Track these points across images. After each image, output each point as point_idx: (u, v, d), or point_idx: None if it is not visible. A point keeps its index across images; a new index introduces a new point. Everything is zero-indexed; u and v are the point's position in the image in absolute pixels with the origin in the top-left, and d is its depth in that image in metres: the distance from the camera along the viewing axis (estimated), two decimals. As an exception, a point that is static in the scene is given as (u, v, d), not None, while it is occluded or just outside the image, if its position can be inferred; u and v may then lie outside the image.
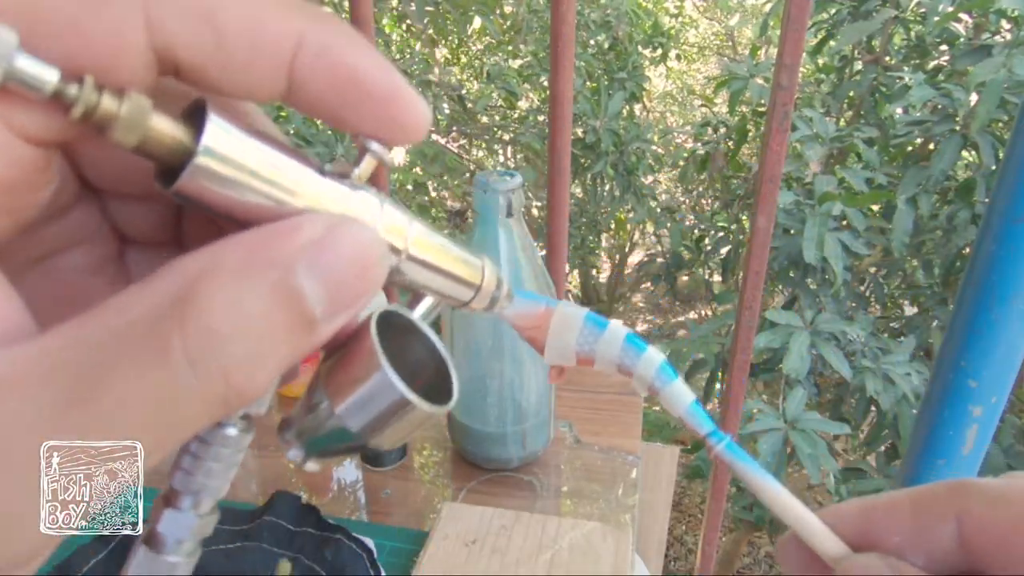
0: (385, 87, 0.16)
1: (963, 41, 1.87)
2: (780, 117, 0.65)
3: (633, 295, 4.58)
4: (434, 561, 0.52)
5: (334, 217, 0.16)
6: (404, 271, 0.18)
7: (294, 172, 0.16)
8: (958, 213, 1.71)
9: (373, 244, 0.16)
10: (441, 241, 0.19)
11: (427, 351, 0.20)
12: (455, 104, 2.78)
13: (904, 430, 1.57)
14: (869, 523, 0.18)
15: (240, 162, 0.15)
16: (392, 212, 0.18)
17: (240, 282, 0.14)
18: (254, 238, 0.15)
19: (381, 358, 0.17)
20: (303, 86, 0.15)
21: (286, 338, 0.14)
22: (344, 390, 0.17)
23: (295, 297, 0.14)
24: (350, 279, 0.15)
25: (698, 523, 2.75)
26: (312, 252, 0.15)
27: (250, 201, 0.15)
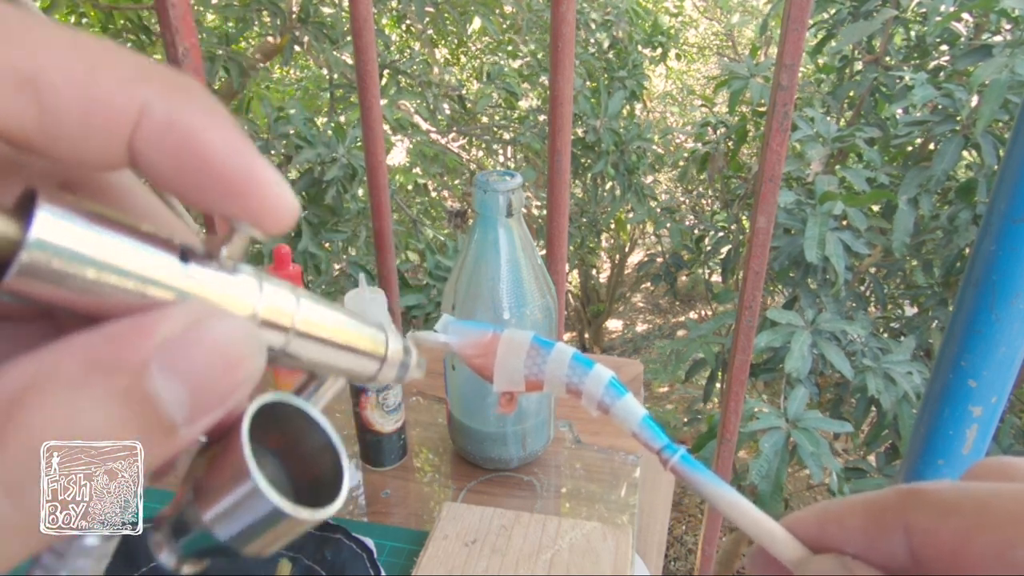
0: (238, 172, 0.14)
1: (963, 41, 1.87)
2: (780, 117, 0.65)
3: (633, 295, 4.58)
4: (434, 561, 0.52)
5: (195, 309, 0.14)
6: (295, 353, 0.17)
7: (149, 261, 0.14)
8: (959, 213, 1.71)
9: (242, 336, 0.14)
10: (336, 315, 0.18)
11: (320, 442, 0.19)
12: (455, 104, 2.78)
13: (904, 430, 1.57)
14: (825, 530, 0.18)
15: (79, 255, 0.13)
16: (274, 291, 0.16)
17: (77, 392, 0.12)
18: (98, 338, 0.13)
19: (251, 465, 0.15)
20: (147, 161, 0.14)
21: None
22: (213, 495, 0.16)
23: (148, 404, 0.13)
24: (216, 378, 0.14)
25: (698, 523, 2.75)
26: (169, 352, 0.13)
27: (97, 297, 0.13)
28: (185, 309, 0.14)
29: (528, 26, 2.82)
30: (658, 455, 0.22)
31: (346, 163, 1.79)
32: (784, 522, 0.19)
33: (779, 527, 0.19)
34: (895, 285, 2.25)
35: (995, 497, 0.15)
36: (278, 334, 0.16)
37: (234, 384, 0.14)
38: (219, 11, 2.24)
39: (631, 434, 0.22)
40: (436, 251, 1.84)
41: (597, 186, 2.77)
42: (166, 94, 0.14)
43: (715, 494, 0.20)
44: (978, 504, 0.15)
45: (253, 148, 0.15)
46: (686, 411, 2.57)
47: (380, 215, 0.88)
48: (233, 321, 0.14)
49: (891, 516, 0.17)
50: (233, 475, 0.15)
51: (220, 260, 0.15)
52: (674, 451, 0.21)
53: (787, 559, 0.18)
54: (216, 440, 0.16)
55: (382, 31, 2.60)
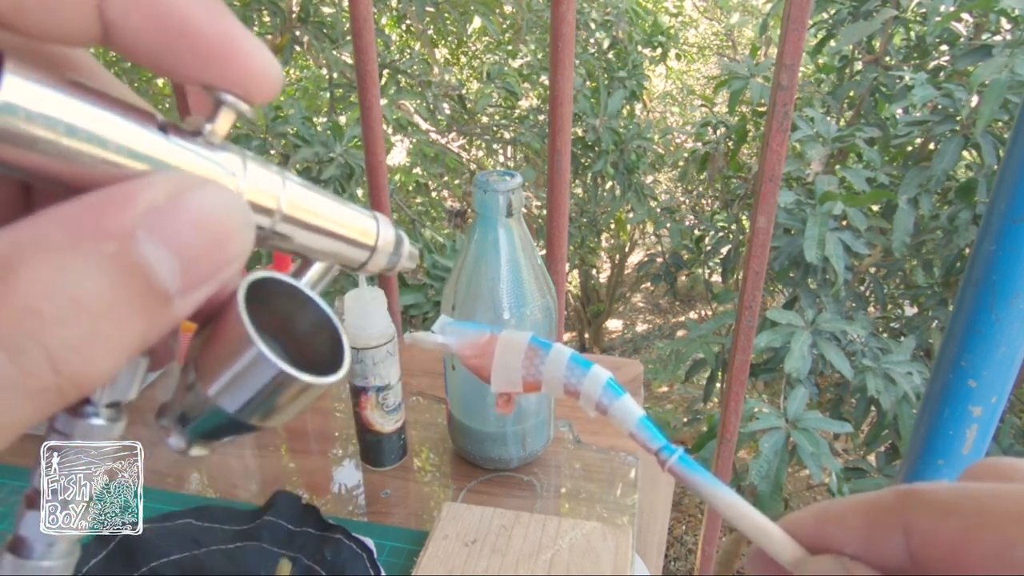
0: (216, 36, 0.14)
1: (963, 41, 1.87)
2: (780, 117, 0.65)
3: (633, 295, 4.58)
4: (434, 561, 0.52)
5: (180, 178, 0.14)
6: (283, 234, 0.16)
7: (127, 130, 0.14)
8: (959, 213, 1.71)
9: (229, 207, 0.14)
10: (324, 199, 0.17)
11: (317, 319, 0.18)
12: (455, 104, 2.78)
13: (904, 430, 1.57)
14: (823, 531, 0.18)
15: (52, 118, 0.12)
16: (259, 171, 0.16)
17: (66, 256, 0.12)
18: (81, 206, 0.13)
19: (250, 330, 0.15)
20: (119, 30, 0.13)
21: (134, 316, 0.13)
22: (215, 369, 0.15)
23: (139, 270, 0.13)
24: (205, 248, 0.13)
25: (698, 523, 2.75)
26: (155, 218, 0.13)
27: (75, 166, 0.13)
28: (169, 177, 0.13)
29: (528, 26, 2.82)
30: (656, 456, 0.21)
31: (343, 162, 1.80)
32: (782, 523, 0.19)
33: (777, 528, 0.19)
34: (895, 285, 2.25)
35: (994, 497, 0.15)
36: (263, 216, 0.16)
37: (225, 256, 0.14)
38: (219, 11, 2.23)
39: (629, 435, 0.22)
40: (435, 251, 1.84)
41: (597, 186, 2.77)
42: None
43: (713, 495, 0.20)
44: (977, 504, 0.15)
45: (229, 13, 0.14)
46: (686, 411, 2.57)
47: (380, 215, 0.88)
48: (219, 191, 0.14)
49: (890, 516, 0.17)
50: (233, 345, 0.15)
51: (204, 135, 0.15)
52: (672, 452, 0.21)
53: (785, 560, 0.18)
54: (210, 319, 0.16)
55: (382, 31, 2.60)
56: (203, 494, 0.64)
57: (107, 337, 0.12)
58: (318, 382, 0.16)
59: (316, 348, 0.18)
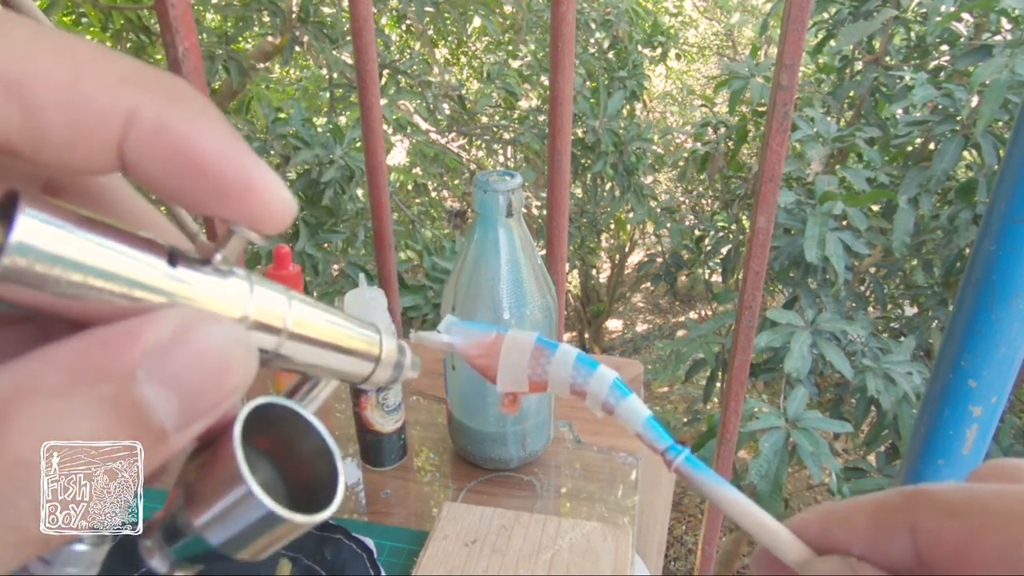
0: (234, 174, 0.14)
1: (964, 41, 1.87)
2: (780, 117, 0.65)
3: (633, 295, 4.58)
4: (434, 561, 0.52)
5: (184, 316, 0.14)
6: (288, 355, 0.17)
7: (135, 264, 0.14)
8: (959, 213, 1.71)
9: (233, 342, 0.14)
10: (329, 315, 0.18)
11: (315, 445, 0.18)
12: (455, 104, 2.78)
13: (904, 430, 1.57)
14: (829, 531, 0.18)
15: (62, 258, 0.13)
16: (265, 293, 0.16)
17: (63, 401, 0.12)
18: (83, 346, 0.13)
19: (243, 468, 0.15)
20: (137, 166, 0.14)
21: None
22: (205, 500, 0.15)
23: (138, 410, 0.13)
24: (207, 384, 0.13)
25: (698, 523, 2.75)
26: (157, 359, 0.13)
27: (83, 303, 0.13)
28: (173, 314, 0.14)
29: (528, 26, 2.82)
30: (662, 456, 0.21)
31: (344, 164, 1.80)
32: (788, 523, 0.19)
33: (783, 528, 0.19)
34: (895, 285, 2.25)
35: (999, 498, 0.15)
36: (270, 336, 0.16)
37: (225, 390, 0.14)
38: (219, 11, 2.24)
39: (635, 435, 0.22)
40: (434, 252, 1.84)
41: (597, 186, 2.77)
42: (156, 98, 0.13)
43: (719, 495, 0.20)
44: (982, 505, 0.15)
45: (247, 149, 0.14)
46: (686, 411, 2.57)
47: (380, 215, 0.88)
48: (223, 326, 0.14)
49: (896, 517, 0.17)
50: (225, 479, 0.15)
51: (213, 263, 0.15)
52: (678, 452, 0.21)
53: (791, 560, 0.18)
54: (208, 444, 0.16)
55: (382, 31, 2.60)
56: (203, 494, 0.64)
57: None
58: (306, 522, 0.16)
59: (312, 472, 0.18)
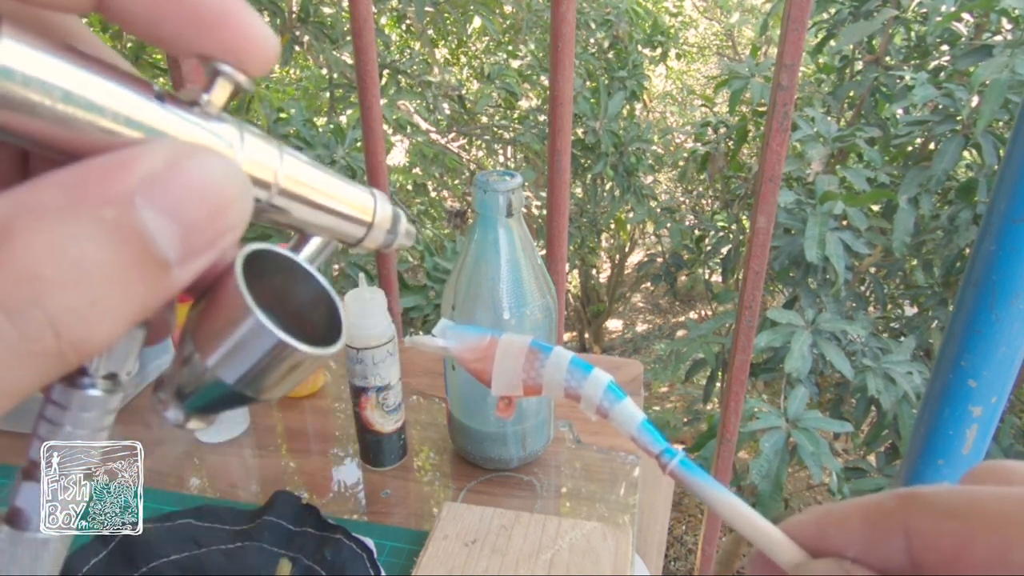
0: (213, 7, 0.14)
1: (964, 41, 1.87)
2: (780, 117, 0.65)
3: (633, 295, 4.58)
4: (434, 561, 0.52)
5: (178, 146, 0.14)
6: (280, 208, 0.16)
7: (123, 97, 0.13)
8: (959, 213, 1.71)
9: (228, 175, 0.14)
10: (321, 174, 0.17)
11: (314, 293, 0.18)
12: (455, 104, 2.78)
13: (904, 430, 1.57)
14: (824, 534, 0.18)
15: (49, 83, 0.12)
16: (256, 143, 0.16)
17: (67, 220, 0.12)
18: (79, 172, 0.13)
19: (248, 300, 0.15)
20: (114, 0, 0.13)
21: (133, 283, 0.13)
22: (213, 340, 0.15)
23: (139, 236, 0.13)
24: (204, 217, 0.13)
25: (698, 523, 2.75)
26: (154, 186, 0.13)
27: (72, 132, 0.13)
28: (166, 144, 0.13)
29: (528, 26, 2.82)
30: (657, 459, 0.21)
31: (345, 164, 1.80)
32: (783, 526, 0.19)
33: (778, 531, 0.19)
34: (895, 285, 2.25)
35: (994, 500, 0.15)
36: (261, 189, 0.16)
37: (223, 225, 0.14)
38: (219, 11, 2.23)
39: (630, 438, 0.22)
40: (435, 252, 1.84)
41: (597, 186, 2.77)
42: None
43: (714, 498, 0.20)
44: (977, 507, 0.15)
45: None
46: (686, 411, 2.57)
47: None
48: (218, 159, 0.14)
49: (890, 519, 0.17)
50: (232, 315, 0.15)
51: (201, 104, 0.15)
52: (673, 455, 0.21)
53: (786, 562, 0.18)
54: (207, 290, 0.16)
55: (382, 31, 2.60)
56: (203, 494, 0.64)
57: (108, 303, 0.12)
58: (317, 353, 0.16)
59: (313, 321, 0.18)
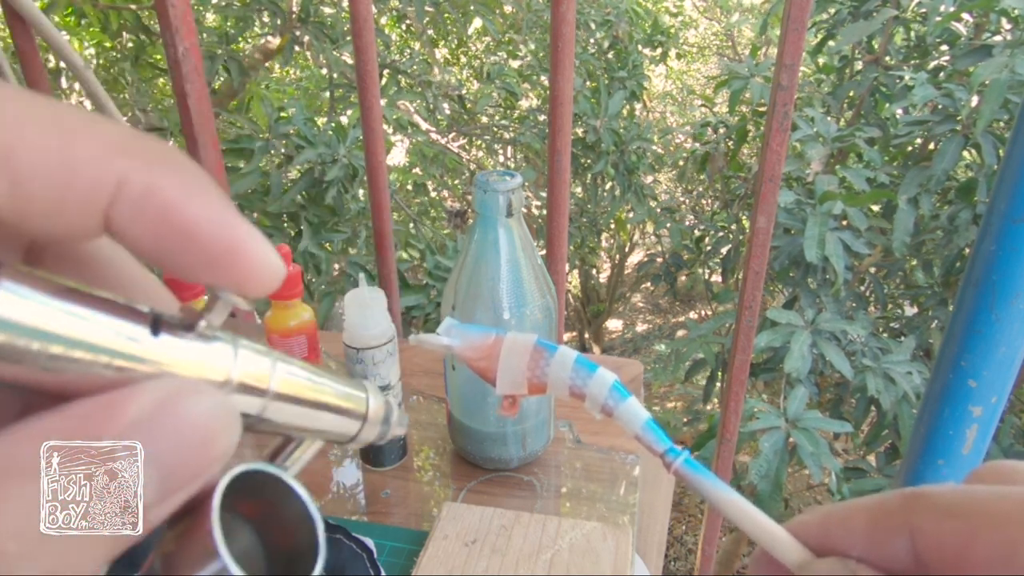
0: (223, 242, 0.14)
1: (964, 41, 1.87)
2: (780, 117, 0.65)
3: (633, 295, 4.58)
4: (434, 561, 0.52)
5: (166, 386, 0.14)
6: (272, 417, 0.17)
7: (117, 334, 0.14)
8: (959, 213, 1.71)
9: (216, 411, 0.14)
10: (314, 376, 0.18)
11: (298, 512, 0.18)
12: (455, 104, 2.78)
13: (904, 430, 1.57)
14: (828, 533, 0.18)
15: (41, 331, 0.12)
16: (250, 357, 0.16)
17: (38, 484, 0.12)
18: (60, 424, 0.12)
19: (219, 545, 0.15)
20: (125, 233, 0.14)
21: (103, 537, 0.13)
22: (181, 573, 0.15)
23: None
24: (188, 458, 0.13)
25: (698, 523, 2.75)
26: (139, 432, 0.13)
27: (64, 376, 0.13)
28: (155, 386, 0.13)
29: (528, 26, 2.82)
30: (661, 458, 0.21)
31: (347, 163, 1.80)
32: (788, 525, 0.19)
33: (782, 530, 0.19)
34: (895, 285, 2.25)
35: (999, 500, 0.15)
36: (254, 399, 0.16)
37: (208, 460, 0.14)
38: (219, 11, 2.24)
39: (634, 437, 0.22)
40: (436, 251, 1.84)
41: (597, 186, 2.77)
42: (146, 164, 0.13)
43: (719, 497, 0.20)
44: (981, 506, 0.15)
45: (237, 215, 0.14)
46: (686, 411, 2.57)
47: (380, 215, 0.88)
48: (205, 396, 0.14)
49: (895, 519, 0.17)
50: (202, 553, 0.15)
51: (197, 329, 0.15)
52: (677, 454, 0.21)
53: (790, 562, 0.18)
54: (188, 511, 0.16)
55: (382, 31, 2.60)
56: (203, 494, 0.64)
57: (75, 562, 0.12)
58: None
59: (294, 538, 0.18)
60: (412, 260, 1.99)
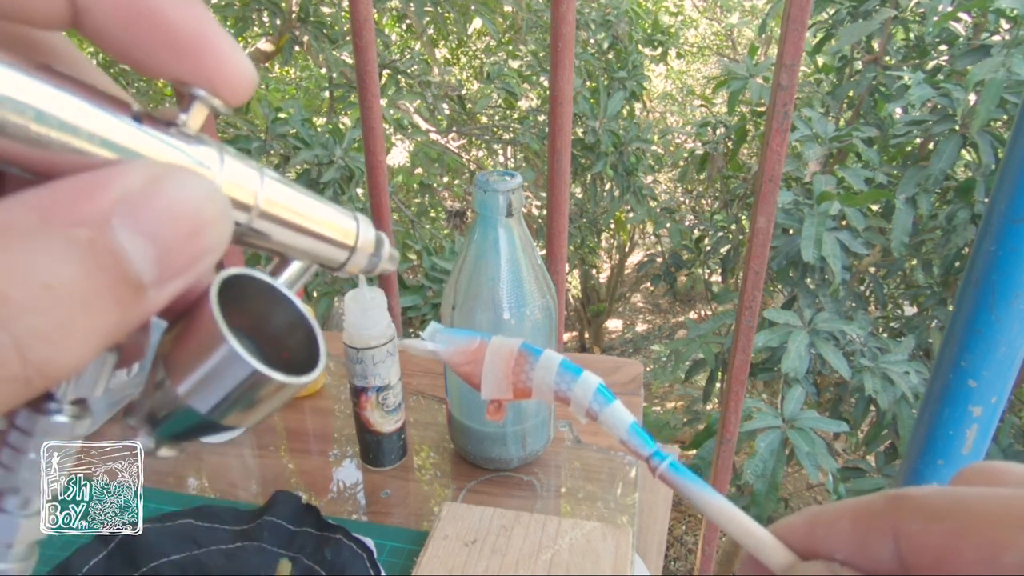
0: (189, 31, 0.14)
1: (962, 41, 1.88)
2: (780, 117, 0.65)
3: (633, 295, 4.58)
4: (434, 561, 0.52)
5: (156, 167, 0.13)
6: (260, 231, 0.16)
7: (99, 118, 0.13)
8: (957, 213, 1.71)
9: (207, 196, 0.13)
10: (303, 197, 0.17)
11: (292, 318, 0.18)
12: (455, 104, 2.78)
13: (903, 430, 1.57)
14: (814, 536, 0.18)
15: (23, 103, 0.12)
16: (236, 165, 0.15)
17: (38, 241, 0.12)
18: (53, 191, 0.12)
19: (223, 327, 0.15)
20: (90, 16, 0.13)
21: (107, 306, 0.12)
22: (186, 367, 0.15)
23: (114, 257, 0.12)
24: (182, 238, 0.13)
25: (698, 523, 2.75)
26: (131, 206, 0.12)
27: (46, 153, 0.13)
28: (144, 164, 0.13)
29: (528, 26, 2.82)
30: (647, 462, 0.21)
31: (343, 165, 1.80)
32: (773, 528, 0.19)
33: (768, 533, 0.19)
34: (894, 285, 2.26)
35: (983, 501, 0.15)
36: (240, 212, 0.16)
37: (200, 247, 0.13)
38: (219, 11, 2.24)
39: (619, 441, 0.22)
40: (433, 252, 1.84)
41: (597, 186, 2.77)
42: None
43: (704, 501, 0.20)
44: (966, 508, 0.15)
45: (206, 10, 0.14)
46: (686, 411, 2.57)
47: (380, 215, 0.88)
48: (197, 180, 0.14)
49: (879, 521, 0.17)
50: (206, 343, 0.15)
51: (178, 125, 0.14)
52: (663, 458, 0.21)
53: (776, 564, 0.18)
54: (182, 316, 0.16)
55: (382, 31, 2.60)
56: (203, 494, 0.64)
57: (78, 327, 0.12)
58: (292, 381, 0.16)
59: (291, 347, 0.18)
60: (410, 262, 1.99)
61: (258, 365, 0.15)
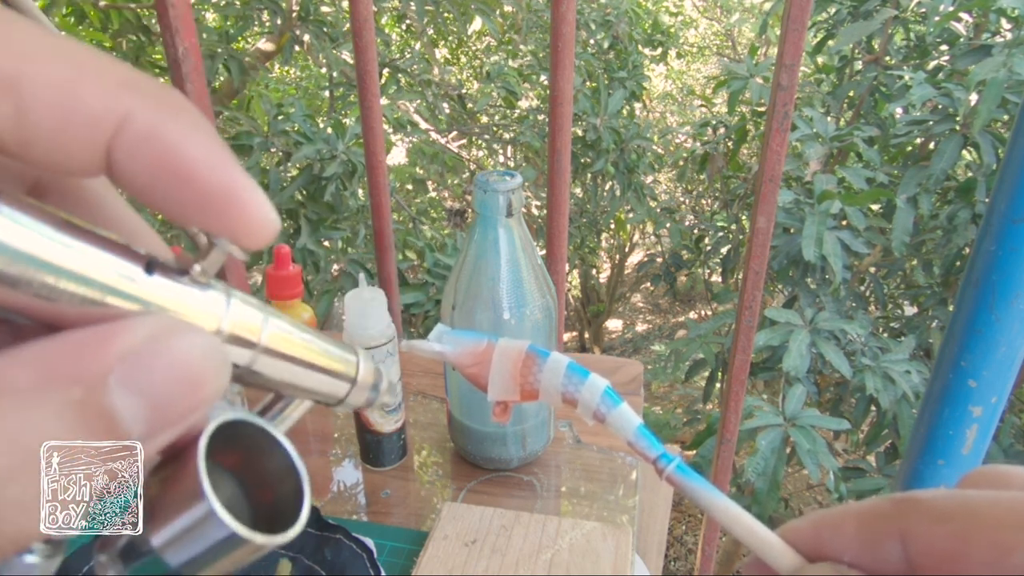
0: (219, 186, 0.14)
1: (963, 41, 1.87)
2: (780, 117, 0.65)
3: (633, 295, 4.58)
4: (434, 561, 0.52)
5: (159, 323, 0.14)
6: (261, 371, 0.16)
7: (111, 269, 0.13)
8: (958, 213, 1.71)
9: (206, 352, 0.14)
10: (305, 334, 0.18)
11: (283, 464, 0.18)
12: (455, 104, 2.78)
13: (904, 429, 1.57)
14: (820, 539, 0.18)
15: (35, 259, 0.12)
16: (242, 308, 0.16)
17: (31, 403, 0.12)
18: (54, 348, 0.12)
19: (205, 486, 0.14)
20: (123, 170, 0.14)
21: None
22: (164, 518, 0.15)
23: (105, 418, 0.12)
24: (177, 394, 0.13)
25: (698, 523, 2.75)
26: (130, 365, 0.13)
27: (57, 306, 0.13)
28: (148, 321, 0.13)
29: (528, 26, 2.82)
30: (654, 464, 0.21)
31: (346, 160, 1.79)
32: (780, 531, 0.19)
33: (774, 536, 0.19)
34: (895, 285, 2.26)
35: (989, 504, 0.15)
36: (244, 351, 0.16)
37: (196, 401, 0.14)
38: (219, 10, 2.24)
39: (627, 443, 0.22)
40: (435, 249, 1.84)
41: (597, 186, 2.77)
42: (150, 104, 0.13)
43: (711, 503, 0.20)
44: (972, 511, 0.15)
45: (235, 162, 0.14)
46: (686, 411, 2.58)
47: (380, 215, 0.88)
48: (198, 336, 0.14)
49: (886, 524, 0.17)
50: (187, 496, 0.15)
51: (191, 274, 0.15)
52: (670, 460, 0.21)
53: (783, 567, 0.18)
54: (172, 458, 0.16)
55: (382, 30, 2.60)
56: (203, 494, 0.64)
57: None
58: (269, 543, 0.16)
59: (278, 492, 0.18)
60: (411, 261, 1.99)
61: (237, 527, 0.15)
